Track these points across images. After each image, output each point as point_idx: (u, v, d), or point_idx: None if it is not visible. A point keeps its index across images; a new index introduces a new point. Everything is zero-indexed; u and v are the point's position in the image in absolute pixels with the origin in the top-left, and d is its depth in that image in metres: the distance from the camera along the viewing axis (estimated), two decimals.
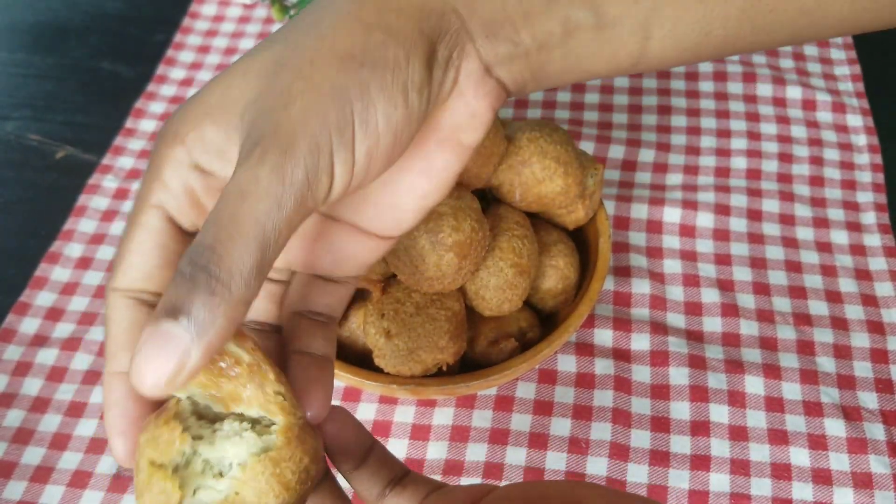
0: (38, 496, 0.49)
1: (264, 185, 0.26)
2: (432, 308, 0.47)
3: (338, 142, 0.28)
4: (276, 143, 0.27)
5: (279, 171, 0.26)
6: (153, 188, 0.29)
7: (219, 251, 0.25)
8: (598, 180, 0.52)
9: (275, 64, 0.29)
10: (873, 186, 0.64)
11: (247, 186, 0.26)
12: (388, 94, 0.29)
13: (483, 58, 0.31)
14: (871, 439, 0.50)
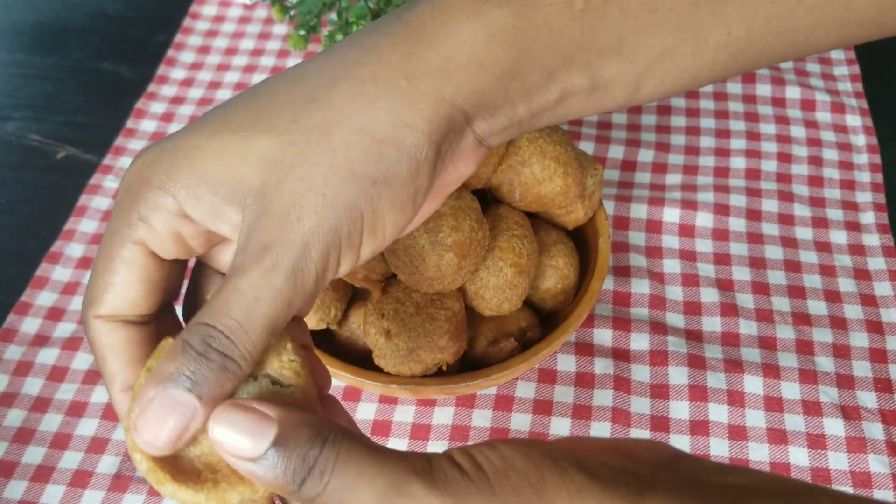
0: (39, 496, 0.49)
1: (277, 293, 0.28)
2: (432, 308, 0.47)
3: (346, 248, 0.30)
4: (290, 255, 0.29)
5: (292, 279, 0.29)
6: (136, 227, 0.31)
7: (234, 340, 0.28)
8: (597, 180, 0.52)
9: (279, 163, 0.29)
10: (872, 186, 0.64)
11: (262, 292, 0.28)
12: (399, 207, 0.30)
13: (478, 134, 0.32)
14: (870, 439, 0.50)
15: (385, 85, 0.30)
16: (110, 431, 0.52)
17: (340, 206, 0.29)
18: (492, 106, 0.31)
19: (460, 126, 0.31)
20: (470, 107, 0.31)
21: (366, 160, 0.29)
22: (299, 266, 0.29)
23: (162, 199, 0.30)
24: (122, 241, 0.31)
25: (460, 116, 0.31)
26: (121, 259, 0.31)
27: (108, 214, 0.64)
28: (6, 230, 0.63)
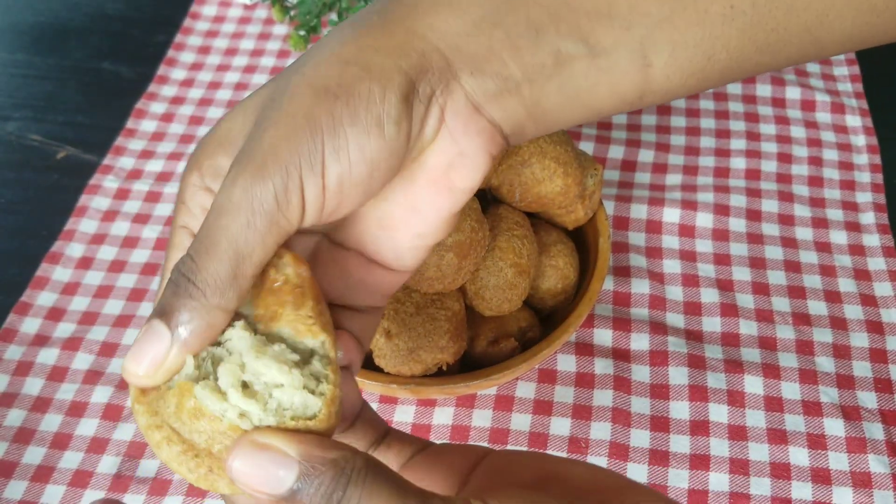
0: (39, 496, 0.49)
1: (235, 205, 0.29)
2: (432, 308, 0.47)
3: (307, 168, 0.29)
4: (249, 167, 0.29)
5: (248, 192, 0.29)
6: (179, 211, 0.32)
7: (197, 262, 0.28)
8: (597, 180, 0.52)
9: (267, 99, 0.31)
10: (872, 186, 0.64)
11: (222, 205, 0.29)
12: (361, 127, 0.30)
13: (470, 95, 0.31)
14: (871, 439, 0.50)
15: (359, 22, 0.31)
16: (110, 431, 0.52)
17: (300, 119, 0.29)
18: (476, 56, 0.31)
19: (441, 70, 0.31)
20: (447, 48, 0.30)
21: (328, 76, 0.30)
22: (258, 175, 0.29)
23: (191, 176, 0.32)
24: (173, 228, 0.32)
25: (436, 56, 0.30)
26: (173, 246, 0.32)
27: (109, 215, 0.64)
28: (6, 230, 0.63)
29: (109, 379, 0.54)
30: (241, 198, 0.29)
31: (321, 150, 0.29)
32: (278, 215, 0.29)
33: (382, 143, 0.30)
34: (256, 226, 0.29)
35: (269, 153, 0.29)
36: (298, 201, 0.29)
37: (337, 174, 0.30)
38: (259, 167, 0.29)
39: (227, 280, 0.28)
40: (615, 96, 0.32)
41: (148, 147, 0.68)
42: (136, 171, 0.67)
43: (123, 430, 0.52)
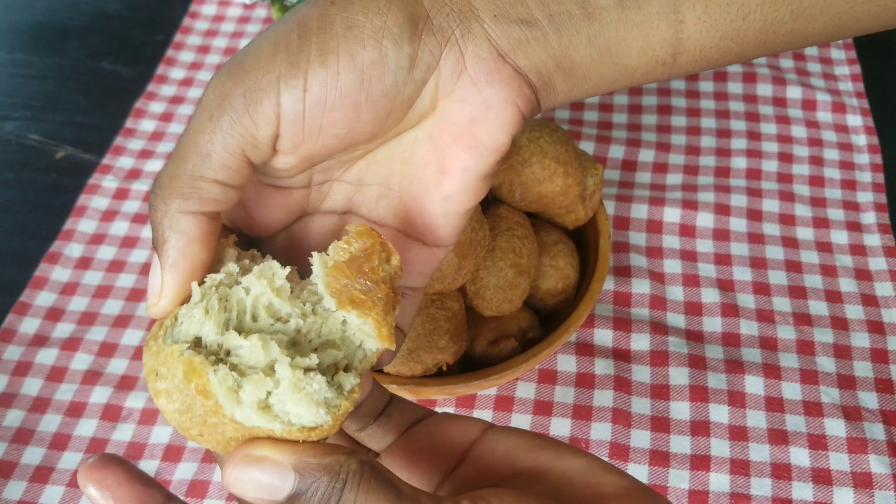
0: (38, 496, 0.49)
1: (204, 102, 0.28)
2: (432, 308, 0.47)
3: (287, 68, 0.28)
4: (227, 66, 0.28)
5: (218, 88, 0.28)
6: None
7: (161, 171, 0.29)
8: (598, 180, 0.52)
9: None
10: (873, 186, 0.64)
11: (198, 106, 0.29)
12: (355, 34, 0.28)
13: (494, 40, 0.30)
14: (871, 439, 0.50)
15: None
16: (109, 432, 0.52)
17: (291, 21, 0.29)
18: (498, 0, 0.30)
19: (460, 8, 0.29)
20: None
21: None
22: (232, 75, 0.28)
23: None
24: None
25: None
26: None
27: (108, 214, 0.63)
28: (5, 230, 0.63)
29: (108, 379, 0.54)
30: (210, 95, 0.28)
31: (307, 53, 0.28)
32: (243, 114, 0.28)
33: (377, 57, 0.28)
34: (220, 123, 0.28)
35: (250, 53, 0.28)
36: (272, 104, 0.28)
37: (321, 79, 0.28)
38: (235, 65, 0.28)
39: (183, 180, 0.27)
40: (647, 53, 0.31)
41: (147, 147, 0.68)
42: (135, 170, 0.66)
43: (123, 430, 0.52)
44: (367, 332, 0.28)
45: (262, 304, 0.28)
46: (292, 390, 0.26)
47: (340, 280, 0.27)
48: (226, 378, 0.26)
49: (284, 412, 0.26)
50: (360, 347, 0.28)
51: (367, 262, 0.28)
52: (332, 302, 0.27)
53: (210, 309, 0.27)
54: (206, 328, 0.27)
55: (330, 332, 0.28)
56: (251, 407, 0.26)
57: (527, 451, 0.30)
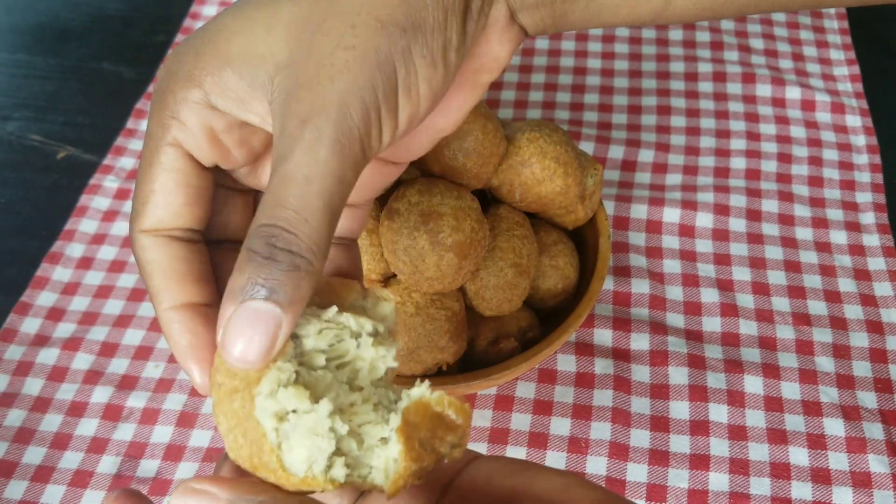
0: (39, 496, 0.49)
1: (326, 167, 0.27)
2: (432, 308, 0.47)
3: (385, 109, 0.28)
4: (330, 121, 0.27)
5: (338, 150, 0.27)
6: (169, 126, 0.30)
7: (295, 232, 0.26)
8: (597, 180, 0.52)
9: (306, 23, 0.28)
10: (872, 186, 0.64)
11: (310, 170, 0.27)
12: (429, 59, 0.29)
13: (511, 3, 0.31)
14: (871, 439, 0.50)
15: None
16: (110, 431, 0.52)
17: (372, 58, 0.27)
18: None
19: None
20: None
21: (392, 6, 0.28)
22: (342, 131, 0.27)
23: (189, 91, 0.29)
24: (158, 144, 0.30)
25: None
26: (158, 165, 0.30)
27: (109, 215, 0.64)
28: (6, 230, 0.63)
29: (109, 379, 0.54)
30: (330, 160, 0.27)
31: (395, 90, 0.28)
32: (362, 163, 0.28)
33: (445, 73, 0.29)
34: (347, 182, 0.27)
35: (350, 101, 0.27)
36: (378, 143, 0.28)
37: (409, 114, 0.29)
38: (342, 120, 0.27)
39: (329, 242, 0.27)
40: (632, 16, 0.33)
41: None
42: (136, 171, 0.66)
43: (123, 430, 0.52)
44: (386, 471, 0.27)
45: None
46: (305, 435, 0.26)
47: (419, 420, 0.27)
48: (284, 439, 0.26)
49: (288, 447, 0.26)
50: (369, 467, 0.27)
51: (441, 430, 0.27)
52: (396, 423, 0.27)
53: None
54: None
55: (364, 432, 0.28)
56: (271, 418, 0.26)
57: (503, 476, 0.30)
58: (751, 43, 0.75)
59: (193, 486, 0.26)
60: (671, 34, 0.76)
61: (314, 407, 0.26)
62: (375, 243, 0.47)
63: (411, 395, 0.27)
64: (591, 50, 0.75)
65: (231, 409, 0.27)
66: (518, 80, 0.73)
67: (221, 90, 0.29)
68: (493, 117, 0.48)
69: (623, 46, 0.76)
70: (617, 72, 0.73)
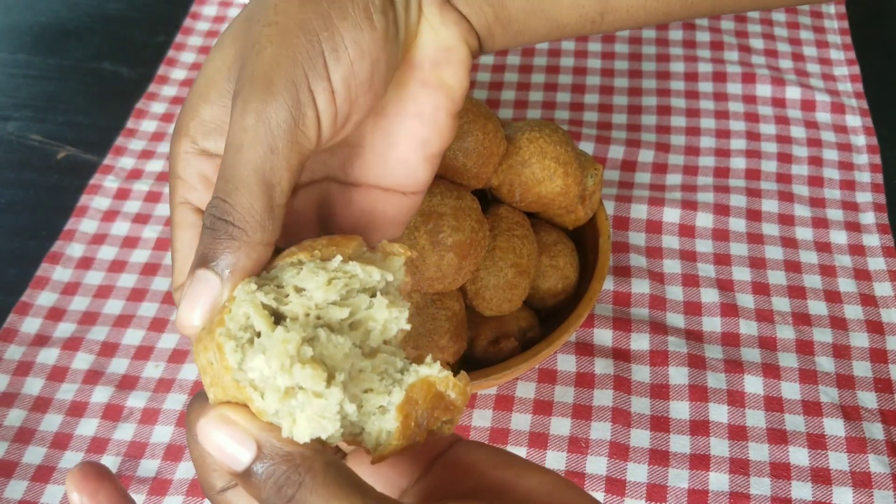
0: (40, 496, 0.49)
1: (253, 134, 0.28)
2: (432, 308, 0.47)
3: (313, 74, 0.29)
4: (255, 91, 0.28)
5: (263, 116, 0.28)
6: (175, 186, 0.31)
7: (230, 202, 0.27)
8: (597, 180, 0.52)
9: (246, 21, 0.30)
10: (872, 186, 0.64)
11: (239, 139, 0.28)
12: (351, 20, 0.29)
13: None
14: (871, 439, 0.50)
15: None
16: (110, 431, 0.52)
17: (293, 28, 0.29)
18: None
19: None
20: None
21: None
22: (266, 99, 0.28)
23: (181, 144, 0.31)
24: (173, 206, 0.31)
25: None
26: (176, 224, 0.31)
27: (109, 215, 0.64)
28: (7, 230, 0.63)
29: (109, 379, 0.54)
30: (256, 126, 0.28)
31: (321, 53, 0.29)
32: (297, 133, 0.28)
33: (375, 34, 0.30)
34: (279, 149, 0.28)
35: (273, 70, 0.28)
36: (313, 113, 0.29)
37: (342, 75, 0.29)
38: (266, 87, 0.28)
39: (265, 212, 0.28)
40: (577, 10, 0.33)
41: (148, 147, 0.68)
42: (136, 170, 0.67)
43: (123, 430, 0.52)
44: (377, 440, 0.27)
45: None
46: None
47: (421, 398, 0.27)
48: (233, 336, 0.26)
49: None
50: (360, 428, 0.27)
51: (439, 410, 0.27)
52: (398, 398, 0.27)
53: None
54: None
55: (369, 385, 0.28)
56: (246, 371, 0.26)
57: (492, 467, 0.30)
58: (751, 43, 0.75)
59: (227, 413, 0.26)
60: (671, 34, 0.76)
61: (325, 392, 0.25)
62: None
63: (419, 373, 0.27)
64: (591, 50, 0.75)
65: (202, 364, 0.27)
66: (518, 80, 0.73)
67: (203, 127, 0.30)
68: (493, 117, 0.48)
69: (623, 46, 0.76)
70: (617, 72, 0.73)
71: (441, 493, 0.30)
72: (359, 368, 0.27)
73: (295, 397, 0.25)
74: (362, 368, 0.27)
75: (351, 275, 0.28)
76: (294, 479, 0.25)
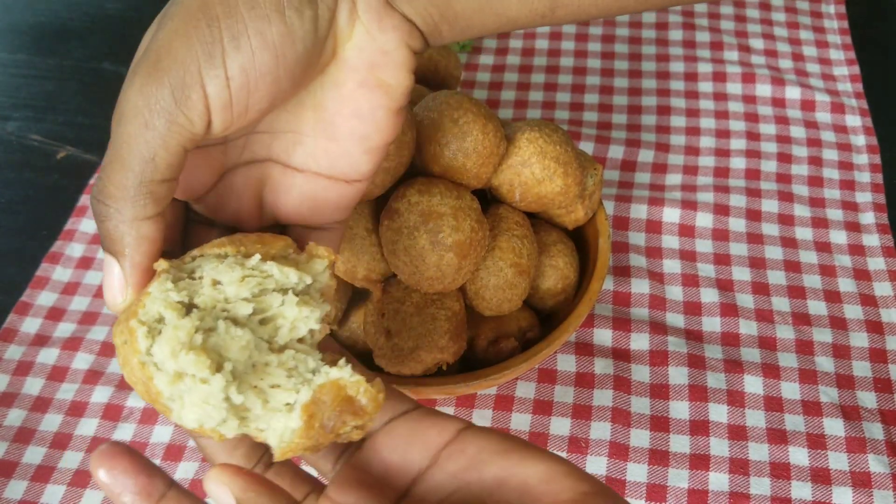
0: (40, 495, 0.49)
1: (132, 107, 0.28)
2: (432, 308, 0.47)
3: (206, 59, 0.29)
4: (143, 67, 0.28)
5: (143, 92, 0.28)
6: None
7: (103, 180, 0.28)
8: (597, 180, 0.52)
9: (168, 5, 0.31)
10: (872, 186, 0.64)
11: (121, 111, 0.29)
12: (259, 11, 0.29)
13: None
14: (870, 439, 0.50)
15: None
16: (110, 431, 0.52)
17: (195, 9, 0.29)
18: None
19: None
20: None
21: None
22: (152, 77, 0.28)
23: None
24: None
25: None
26: None
27: None
28: (6, 230, 0.63)
29: (109, 379, 0.54)
30: (136, 99, 0.28)
31: (220, 40, 0.29)
32: (177, 113, 0.28)
33: (284, 29, 0.30)
34: (155, 126, 0.28)
35: (164, 49, 0.28)
36: (200, 97, 0.29)
37: (239, 64, 0.29)
38: (153, 65, 0.28)
39: (134, 188, 0.28)
40: (526, 5, 0.33)
41: None
42: None
43: (123, 429, 0.52)
44: (281, 437, 0.28)
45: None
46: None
47: (329, 400, 0.28)
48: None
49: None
50: (267, 424, 0.28)
51: (348, 414, 0.28)
52: (305, 398, 0.28)
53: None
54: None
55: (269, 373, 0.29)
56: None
57: (493, 455, 0.30)
58: (751, 43, 0.75)
59: (213, 474, 0.27)
60: (671, 34, 0.76)
61: (210, 378, 0.27)
62: (375, 243, 0.47)
63: (330, 374, 0.28)
64: (591, 50, 0.75)
65: (117, 344, 0.28)
66: (518, 80, 0.73)
67: None
68: (493, 117, 0.48)
69: (623, 47, 0.76)
70: (617, 72, 0.73)
71: (444, 486, 0.30)
72: (264, 362, 0.28)
73: (183, 381, 0.27)
74: (268, 362, 0.28)
75: (266, 274, 0.29)
76: None
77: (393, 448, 0.31)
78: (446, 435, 0.31)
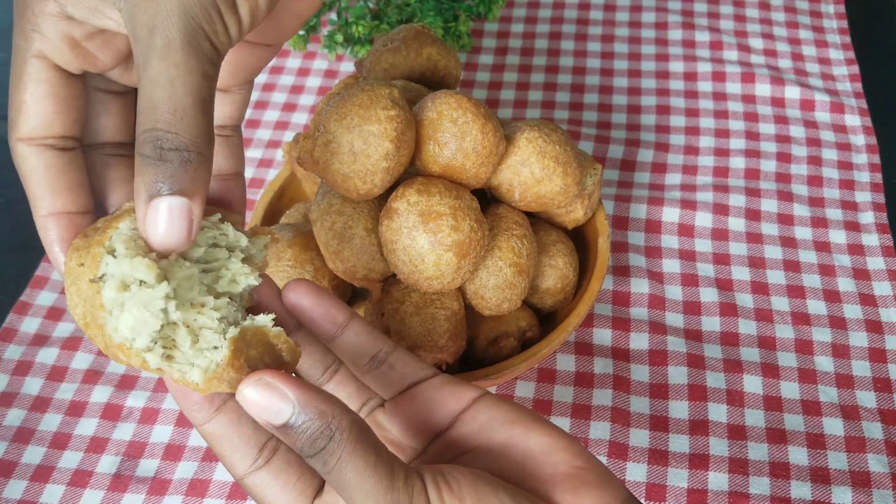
0: (39, 495, 0.49)
1: (185, 68, 0.29)
2: (432, 308, 0.47)
3: (224, 7, 0.30)
4: (176, 27, 0.29)
5: (190, 51, 0.29)
6: (31, 38, 0.31)
7: (176, 132, 0.29)
8: (597, 180, 0.52)
9: None
10: (871, 186, 0.64)
11: (171, 73, 0.29)
12: None
13: None
14: (870, 438, 0.50)
15: None
16: (110, 431, 0.52)
17: None
18: None
19: None
20: None
21: None
22: (189, 33, 0.29)
23: (45, 3, 0.31)
24: (23, 56, 0.31)
25: None
26: (27, 76, 0.32)
27: None
28: (7, 229, 0.63)
29: (109, 378, 0.54)
30: (187, 59, 0.29)
31: None
32: (222, 50, 0.30)
33: None
34: (210, 75, 0.29)
35: (188, 5, 0.29)
36: (236, 26, 0.30)
37: (248, 7, 0.30)
38: (186, 21, 0.29)
39: (208, 133, 0.29)
40: None
41: None
42: None
43: (123, 429, 0.52)
44: (206, 371, 0.29)
45: None
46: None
47: (253, 342, 0.30)
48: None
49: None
50: (191, 365, 0.30)
51: (270, 361, 0.31)
52: (232, 334, 0.30)
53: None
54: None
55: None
56: (154, 357, 0.29)
57: (502, 424, 0.33)
58: (750, 43, 0.75)
59: (267, 379, 0.29)
60: (671, 34, 0.76)
61: (155, 285, 0.28)
62: (375, 243, 0.47)
63: (255, 321, 0.31)
64: (591, 50, 0.75)
65: (70, 266, 0.30)
66: (518, 80, 0.73)
67: (74, 1, 0.31)
68: (492, 117, 0.48)
69: (622, 46, 0.76)
70: (616, 71, 0.73)
71: (455, 449, 0.34)
72: (201, 302, 0.30)
73: (129, 290, 0.28)
74: (204, 303, 0.30)
75: (222, 232, 0.32)
76: (325, 433, 0.29)
77: (415, 412, 0.35)
78: (464, 402, 0.35)
